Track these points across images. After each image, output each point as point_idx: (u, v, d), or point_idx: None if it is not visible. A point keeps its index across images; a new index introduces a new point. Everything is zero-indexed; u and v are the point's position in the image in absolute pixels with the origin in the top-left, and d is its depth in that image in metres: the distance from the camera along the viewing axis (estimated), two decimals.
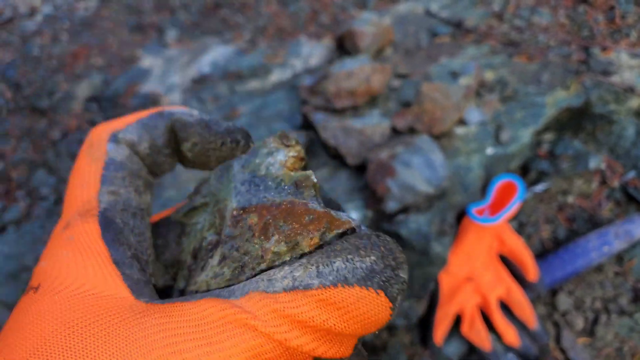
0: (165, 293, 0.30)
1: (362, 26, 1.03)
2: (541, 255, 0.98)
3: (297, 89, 1.06)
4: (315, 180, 0.26)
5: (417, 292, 0.79)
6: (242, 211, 0.26)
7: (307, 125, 0.97)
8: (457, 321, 0.95)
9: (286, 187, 0.26)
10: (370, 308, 0.20)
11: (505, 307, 0.93)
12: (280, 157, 0.28)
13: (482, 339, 0.90)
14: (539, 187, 0.96)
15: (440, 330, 0.92)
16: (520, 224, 1.00)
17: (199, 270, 0.28)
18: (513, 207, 0.80)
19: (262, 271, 0.24)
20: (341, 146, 0.83)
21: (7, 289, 1.18)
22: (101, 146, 0.29)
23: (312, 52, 1.15)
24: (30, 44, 1.46)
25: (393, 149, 0.79)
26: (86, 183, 0.27)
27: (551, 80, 0.98)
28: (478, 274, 0.91)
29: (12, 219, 1.22)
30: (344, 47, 1.08)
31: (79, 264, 0.24)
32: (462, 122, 0.90)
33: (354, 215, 0.78)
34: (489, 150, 0.86)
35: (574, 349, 0.94)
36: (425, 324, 0.97)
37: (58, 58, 1.39)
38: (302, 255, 0.23)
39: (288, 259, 0.24)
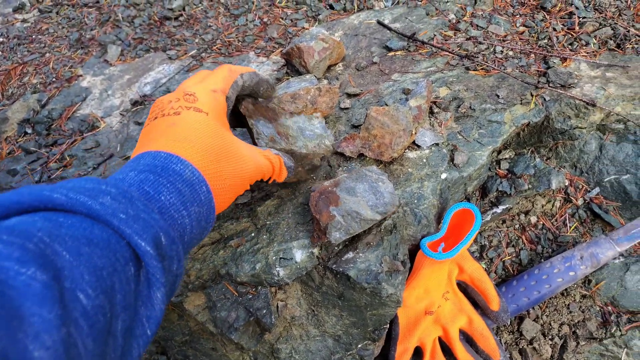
0: None
1: (309, 42, 0.96)
2: (505, 280, 0.93)
3: None
4: None
5: (370, 334, 0.73)
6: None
7: None
8: (417, 352, 0.89)
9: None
10: None
11: (468, 338, 0.88)
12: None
13: None
14: (500, 209, 0.91)
15: None
16: (481, 247, 0.95)
17: None
18: (469, 239, 0.74)
19: None
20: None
21: None
22: None
23: (261, 68, 1.08)
24: None
25: (336, 177, 0.73)
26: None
27: (509, 95, 0.93)
28: (437, 305, 0.86)
29: None
30: (292, 64, 1.02)
31: None
32: (415, 144, 0.84)
33: (297, 256, 0.71)
34: (444, 175, 0.81)
35: None
36: None
37: None
38: None
39: None
